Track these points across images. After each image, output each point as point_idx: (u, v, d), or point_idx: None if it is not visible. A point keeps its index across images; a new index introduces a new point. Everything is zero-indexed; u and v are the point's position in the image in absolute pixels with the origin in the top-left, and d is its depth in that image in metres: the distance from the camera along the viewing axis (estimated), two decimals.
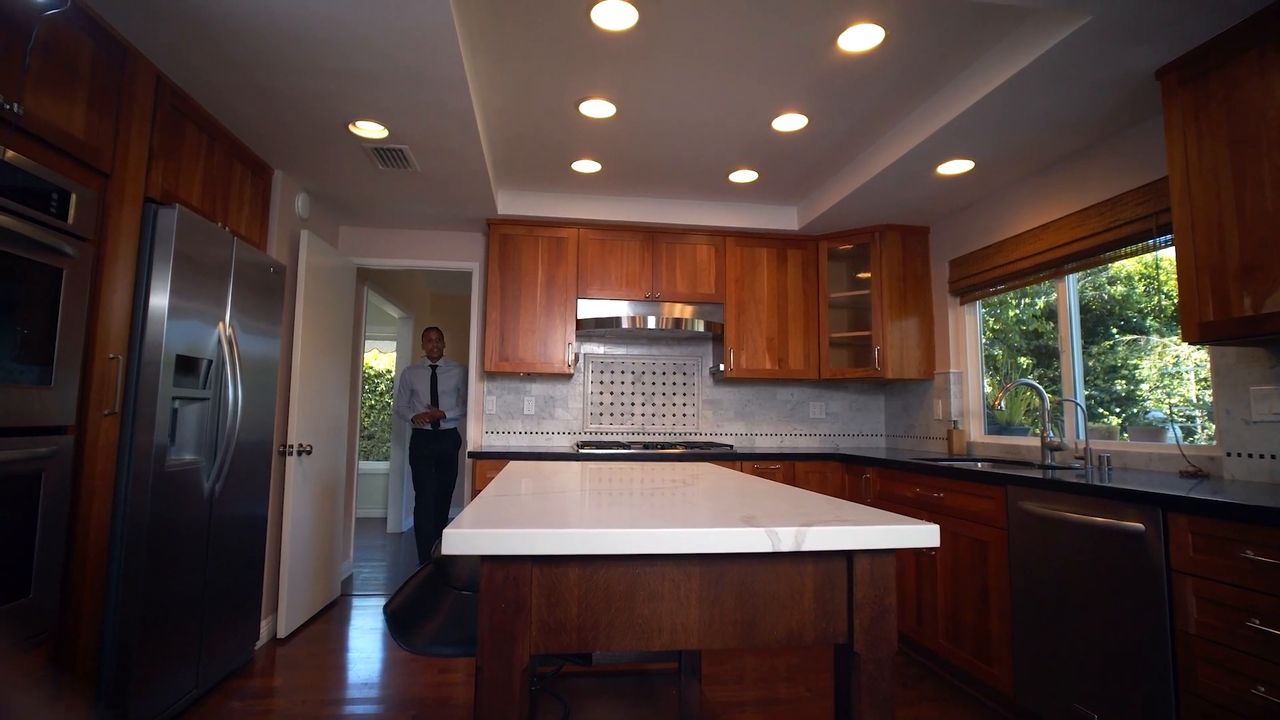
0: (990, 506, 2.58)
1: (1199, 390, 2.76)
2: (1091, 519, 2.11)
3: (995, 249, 3.53)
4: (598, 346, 4.49)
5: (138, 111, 2.27)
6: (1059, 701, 2.22)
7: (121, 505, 2.22)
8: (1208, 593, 1.75)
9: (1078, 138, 2.84)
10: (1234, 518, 1.68)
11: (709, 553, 1.16)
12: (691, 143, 3.32)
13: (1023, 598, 2.41)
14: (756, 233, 4.32)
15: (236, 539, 2.84)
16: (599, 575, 1.16)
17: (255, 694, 2.68)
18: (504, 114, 3.04)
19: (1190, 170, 2.14)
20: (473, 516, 1.23)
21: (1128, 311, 3.11)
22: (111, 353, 2.18)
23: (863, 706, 1.20)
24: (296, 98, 2.59)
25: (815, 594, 1.22)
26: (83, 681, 2.08)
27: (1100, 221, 2.85)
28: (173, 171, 2.49)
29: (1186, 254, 2.15)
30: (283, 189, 3.37)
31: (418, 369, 4.86)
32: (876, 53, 2.49)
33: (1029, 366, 3.71)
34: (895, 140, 3.12)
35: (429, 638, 1.31)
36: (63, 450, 1.97)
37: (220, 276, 2.66)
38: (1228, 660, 1.69)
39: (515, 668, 1.12)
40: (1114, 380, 3.12)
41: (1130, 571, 1.98)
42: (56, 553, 1.95)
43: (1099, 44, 2.14)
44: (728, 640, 1.19)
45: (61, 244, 1.92)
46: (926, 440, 4.15)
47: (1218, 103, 2.05)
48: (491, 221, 4.13)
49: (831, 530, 1.17)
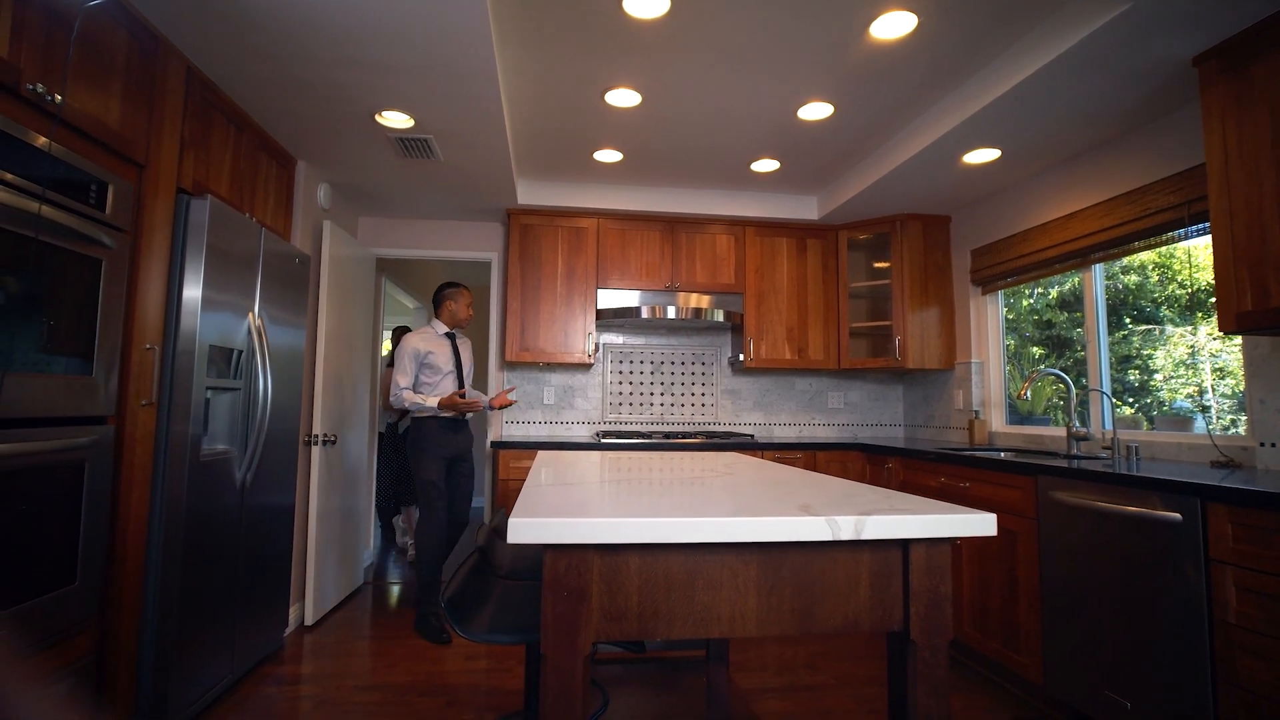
0: (1019, 496, 2.59)
1: (1214, 380, 2.76)
2: (1125, 508, 2.11)
3: (1020, 238, 3.51)
4: (616, 336, 4.49)
5: (170, 103, 2.27)
6: (1090, 690, 2.23)
7: (159, 495, 2.24)
8: (1249, 583, 1.75)
9: (1108, 126, 2.82)
10: (1277, 507, 1.67)
11: (769, 541, 1.17)
12: (715, 131, 3.31)
13: (1052, 587, 2.41)
14: (776, 222, 4.30)
15: (266, 527, 2.87)
16: (659, 564, 1.17)
17: (289, 680, 2.71)
18: (529, 103, 3.03)
19: (1229, 159, 2.13)
20: (529, 506, 1.24)
21: (1141, 301, 3.10)
22: (148, 343, 2.19)
23: (919, 694, 1.21)
24: (324, 89, 2.59)
25: (871, 582, 1.23)
26: (125, 669, 2.11)
27: (1130, 210, 2.83)
28: (203, 163, 2.49)
29: (1224, 243, 2.14)
30: (306, 180, 3.38)
31: (432, 337, 3.50)
32: (907, 40, 2.47)
33: (1041, 356, 3.71)
34: (922, 129, 3.10)
35: (485, 626, 1.33)
36: (104, 440, 1.99)
37: (249, 267, 2.66)
38: (1270, 651, 1.69)
39: (578, 655, 1.13)
40: (1128, 370, 3.11)
41: (1166, 561, 1.98)
42: (99, 541, 1.97)
43: (1137, 31, 2.12)
44: (785, 628, 1.20)
45: (100, 235, 1.93)
46: (947, 430, 4.15)
47: (1259, 90, 2.03)
48: (511, 211, 4.13)
49: (890, 519, 1.18)
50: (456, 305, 3.55)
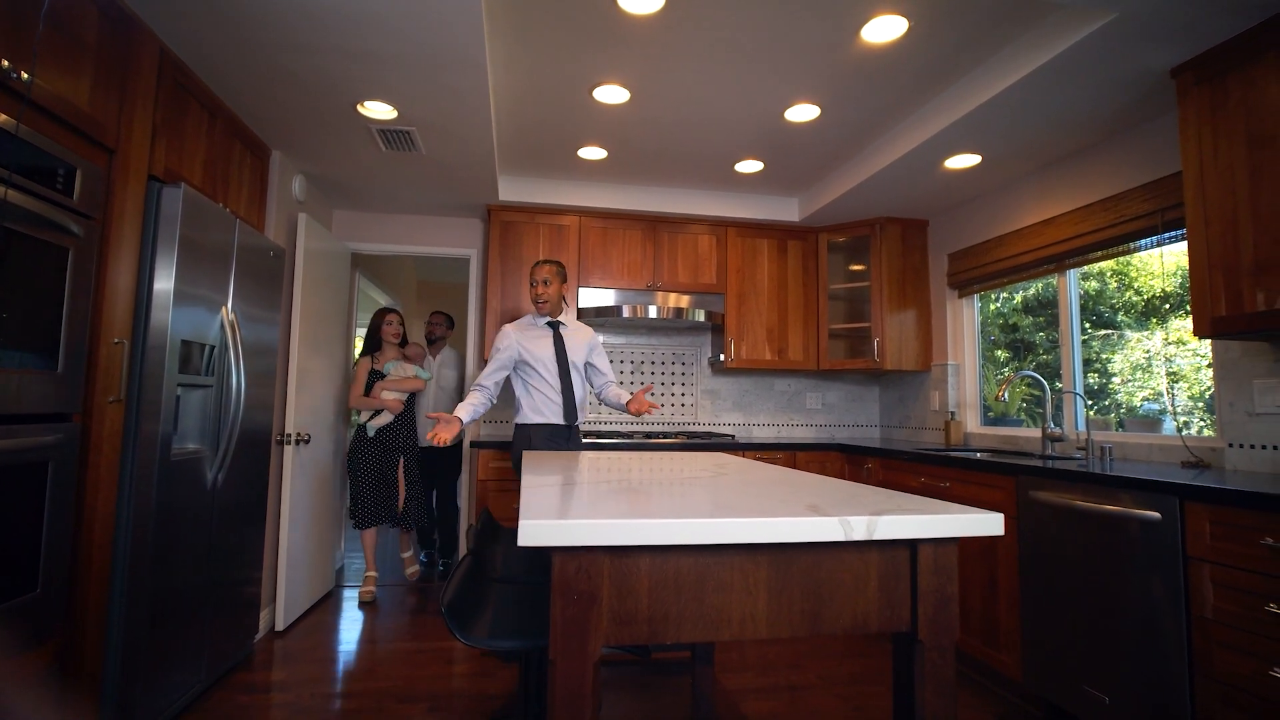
0: (999, 496, 2.63)
1: (1169, 383, 2.85)
2: (1104, 507, 2.16)
3: (996, 243, 3.58)
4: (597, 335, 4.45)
5: (142, 86, 2.17)
6: (1069, 685, 2.28)
7: (126, 496, 2.14)
8: (1226, 579, 1.80)
9: (1086, 134, 2.89)
10: (1255, 506, 1.73)
11: (780, 542, 1.16)
12: (702, 131, 3.30)
13: (1032, 585, 2.46)
14: (758, 223, 4.32)
15: (238, 530, 2.76)
16: (669, 566, 1.15)
17: (261, 688, 2.62)
18: (515, 97, 2.98)
19: (1205, 168, 2.19)
20: (536, 508, 1.21)
21: (1101, 307, 3.20)
22: (116, 337, 2.09)
23: (927, 694, 1.21)
24: (305, 76, 2.51)
25: (879, 583, 1.22)
26: (89, 678, 2.00)
27: (1105, 217, 2.91)
28: (175, 150, 2.39)
29: (1199, 250, 2.20)
30: (280, 170, 3.27)
31: (532, 327, 3.07)
32: (897, 45, 2.50)
33: (1007, 359, 3.80)
34: (906, 133, 3.14)
35: (485, 631, 1.29)
36: (69, 439, 1.89)
37: (223, 259, 2.57)
38: (1246, 644, 1.74)
39: (588, 660, 1.10)
40: (1088, 373, 3.20)
41: (1144, 559, 2.03)
42: (63, 545, 1.87)
43: (1120, 42, 2.17)
44: (795, 629, 1.19)
45: (68, 222, 1.83)
46: (922, 431, 4.21)
47: (1235, 102, 2.10)
48: (492, 208, 4.06)
49: (901, 519, 1.18)
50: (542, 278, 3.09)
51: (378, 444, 3.87)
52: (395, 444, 3.92)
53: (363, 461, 3.85)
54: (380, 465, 3.87)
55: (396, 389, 3.92)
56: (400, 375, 3.97)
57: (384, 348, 4.00)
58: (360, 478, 3.84)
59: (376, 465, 3.86)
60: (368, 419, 3.87)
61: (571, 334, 3.12)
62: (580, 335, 3.15)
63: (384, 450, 3.89)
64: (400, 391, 3.93)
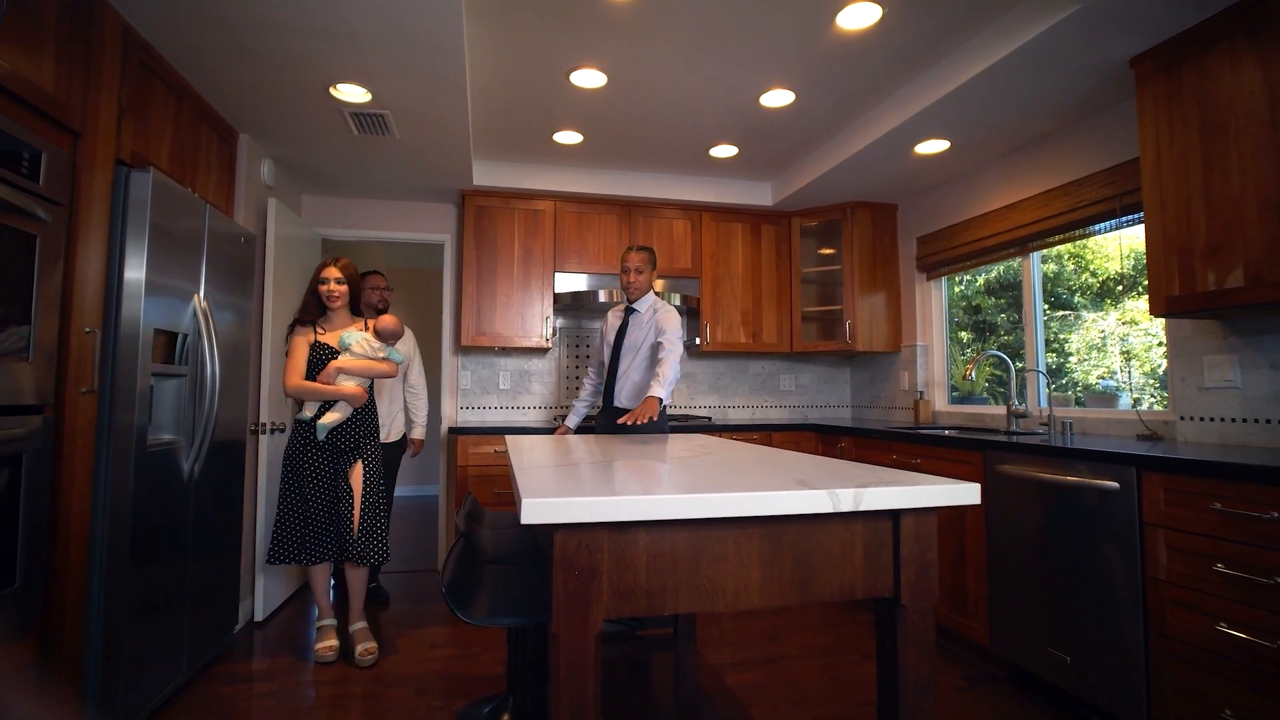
0: (969, 470, 2.74)
1: (1123, 362, 3.00)
2: (1066, 479, 2.27)
3: (963, 226, 3.68)
4: (573, 320, 4.46)
5: (107, 66, 2.10)
6: (1033, 648, 2.41)
7: (102, 488, 2.10)
8: (1178, 543, 1.92)
9: (1050, 121, 2.99)
10: (1206, 474, 1.84)
11: (771, 515, 1.21)
12: (678, 115, 3.31)
13: (999, 554, 2.58)
14: (732, 208, 4.36)
15: (216, 520, 2.73)
16: (666, 540, 1.19)
17: (243, 678, 2.60)
18: (491, 80, 2.96)
19: (1161, 155, 2.29)
20: (534, 488, 1.24)
21: (1059, 289, 3.33)
22: (87, 326, 2.04)
23: (908, 656, 1.28)
24: (276, 56, 2.45)
25: (865, 551, 1.29)
26: (69, 673, 1.98)
27: (1067, 201, 3.02)
28: (142, 133, 2.32)
29: (1156, 233, 2.31)
30: (249, 154, 3.19)
31: (618, 312, 3.29)
32: (871, 32, 2.54)
33: (970, 340, 3.93)
34: (878, 119, 3.20)
35: (485, 610, 1.32)
36: (42, 431, 1.85)
37: (193, 246, 2.51)
38: (1195, 602, 1.87)
39: (590, 633, 1.14)
40: (1046, 353, 3.34)
41: (1103, 526, 2.15)
42: (40, 539, 1.84)
43: (1083, 31, 2.25)
44: (786, 598, 1.25)
45: (35, 208, 1.78)
46: (893, 410, 4.33)
47: (1190, 91, 2.20)
48: (466, 193, 4.02)
49: (885, 491, 1.24)
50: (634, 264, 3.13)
51: (327, 449, 2.80)
52: (349, 445, 2.82)
53: (307, 471, 2.77)
54: (330, 477, 2.79)
55: (360, 372, 2.82)
56: (365, 354, 2.84)
57: (331, 314, 2.88)
58: (296, 493, 2.78)
59: (325, 477, 2.79)
60: (314, 414, 2.78)
61: (641, 317, 3.13)
62: (648, 317, 3.11)
63: (334, 455, 2.81)
64: (363, 377, 2.85)
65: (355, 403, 2.82)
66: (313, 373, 2.78)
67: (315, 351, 2.81)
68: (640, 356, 3.10)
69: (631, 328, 3.13)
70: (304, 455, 2.80)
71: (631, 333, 3.12)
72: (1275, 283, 1.95)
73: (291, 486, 2.80)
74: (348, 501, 2.78)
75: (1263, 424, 2.27)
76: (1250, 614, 1.73)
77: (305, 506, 2.78)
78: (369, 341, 2.88)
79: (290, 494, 2.80)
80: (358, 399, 2.82)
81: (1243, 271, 2.04)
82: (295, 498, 2.79)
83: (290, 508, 2.79)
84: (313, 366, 2.79)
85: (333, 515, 2.80)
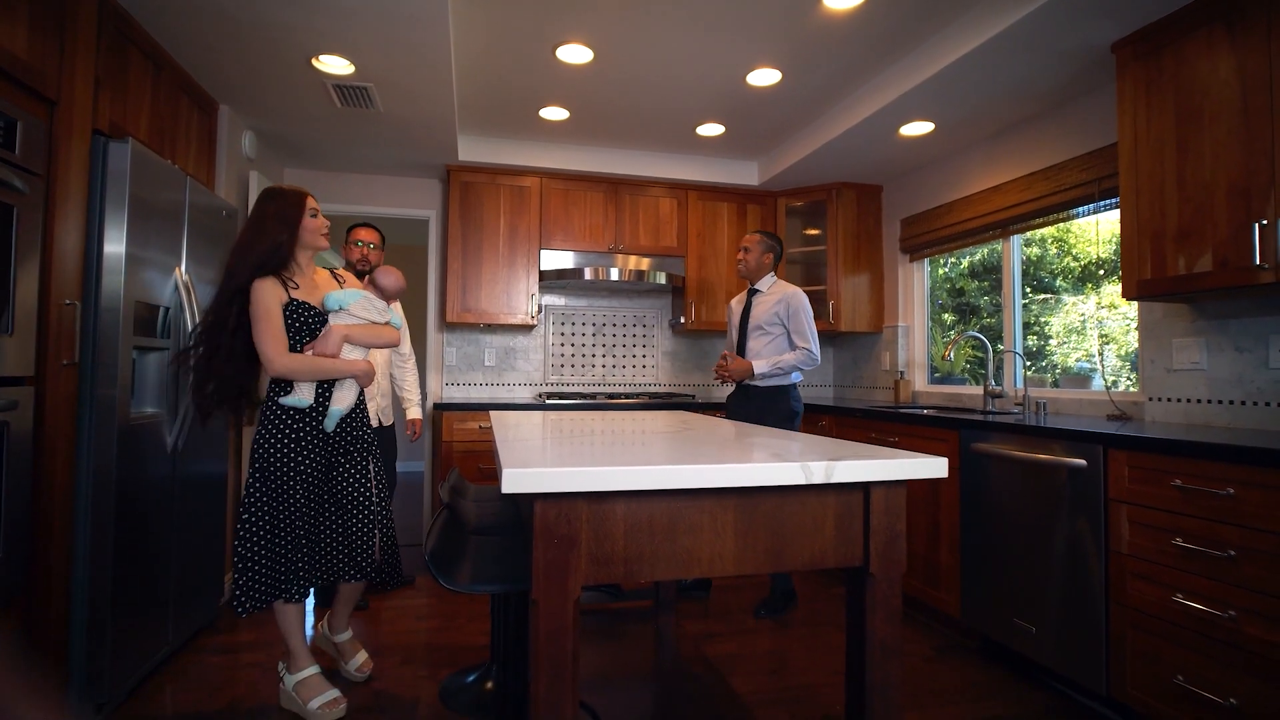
0: (944, 448, 2.81)
1: (1100, 344, 3.07)
2: (1037, 456, 2.34)
3: (946, 209, 3.72)
4: (559, 298, 4.47)
5: (83, 34, 2.06)
6: (1002, 619, 2.49)
7: (85, 460, 2.11)
8: (1140, 518, 2.00)
9: (1032, 105, 3.01)
10: (1167, 452, 1.91)
11: (746, 486, 1.25)
12: (665, 93, 3.30)
13: (971, 530, 2.66)
14: (718, 187, 4.37)
15: (200, 492, 2.74)
16: (643, 510, 1.23)
17: (230, 649, 2.64)
18: (477, 54, 2.93)
19: (1139, 140, 2.33)
20: (516, 458, 1.27)
21: (1041, 273, 3.39)
22: (67, 298, 2.03)
23: (877, 621, 1.34)
24: (257, 26, 2.41)
25: (836, 523, 1.33)
26: (55, 643, 2.00)
27: (1047, 185, 3.06)
28: (120, 103, 2.29)
29: (1130, 217, 2.36)
30: (229, 126, 3.15)
31: (743, 294, 3.36)
32: (858, 12, 2.55)
33: (953, 322, 3.99)
34: (864, 100, 3.21)
35: (468, 578, 1.35)
36: (23, 403, 1.85)
37: (174, 218, 2.49)
38: (1154, 574, 1.95)
39: (569, 599, 1.18)
40: (1027, 335, 3.41)
41: (1071, 502, 2.22)
42: (24, 509, 1.85)
43: (1067, 14, 2.27)
44: (759, 567, 1.30)
45: (12, 178, 1.76)
46: (874, 390, 4.40)
47: (1168, 77, 2.23)
48: (451, 168, 4.00)
49: (856, 464, 1.28)
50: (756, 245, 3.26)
51: (324, 447, 2.15)
52: (355, 439, 2.23)
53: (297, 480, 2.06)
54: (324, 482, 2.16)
55: (365, 341, 2.18)
56: (367, 316, 2.20)
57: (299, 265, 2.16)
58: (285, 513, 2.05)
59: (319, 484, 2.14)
60: (314, 396, 2.11)
61: (764, 297, 3.19)
62: (771, 297, 3.17)
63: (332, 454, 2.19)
64: (363, 346, 2.19)
65: (365, 381, 2.17)
66: (295, 343, 2.09)
67: (296, 314, 2.07)
68: (771, 335, 3.14)
69: (755, 307, 3.19)
70: (296, 458, 2.06)
71: (756, 311, 3.18)
72: (1241, 267, 2.00)
73: (279, 505, 2.04)
74: (357, 514, 2.19)
75: (1226, 404, 2.34)
76: (1204, 585, 1.81)
77: (292, 529, 2.04)
78: (372, 301, 2.22)
79: (277, 515, 2.04)
80: (369, 376, 2.17)
81: (1211, 256, 2.09)
82: (282, 519, 2.04)
83: (278, 534, 2.03)
84: (293, 334, 2.08)
85: (325, 532, 2.16)
